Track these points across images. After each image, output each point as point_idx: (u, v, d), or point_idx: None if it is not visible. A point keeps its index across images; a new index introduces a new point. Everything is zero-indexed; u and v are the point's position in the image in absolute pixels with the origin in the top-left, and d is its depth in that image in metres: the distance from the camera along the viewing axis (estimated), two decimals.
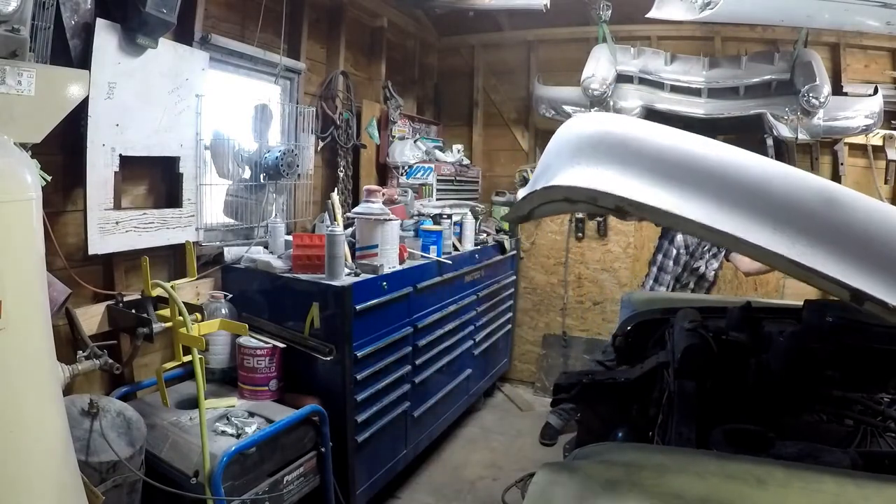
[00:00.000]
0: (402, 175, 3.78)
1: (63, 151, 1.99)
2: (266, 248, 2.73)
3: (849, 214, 1.09)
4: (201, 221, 2.50)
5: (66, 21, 1.87)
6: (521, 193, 1.52)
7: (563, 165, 1.26)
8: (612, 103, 3.74)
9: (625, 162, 1.19)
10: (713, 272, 3.45)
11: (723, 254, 3.35)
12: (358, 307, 2.29)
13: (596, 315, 4.11)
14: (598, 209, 1.29)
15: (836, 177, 3.85)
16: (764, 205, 1.09)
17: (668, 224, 1.25)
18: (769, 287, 3.77)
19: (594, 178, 1.18)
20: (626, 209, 1.19)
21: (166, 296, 1.90)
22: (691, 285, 3.46)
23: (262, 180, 2.75)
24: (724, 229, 1.07)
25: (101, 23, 1.96)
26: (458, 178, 4.04)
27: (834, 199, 1.10)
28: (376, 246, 2.53)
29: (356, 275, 2.41)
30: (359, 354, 2.31)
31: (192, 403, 2.10)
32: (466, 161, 4.30)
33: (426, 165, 3.77)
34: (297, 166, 2.78)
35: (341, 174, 3.57)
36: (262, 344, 2.22)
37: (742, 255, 1.57)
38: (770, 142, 3.67)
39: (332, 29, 3.54)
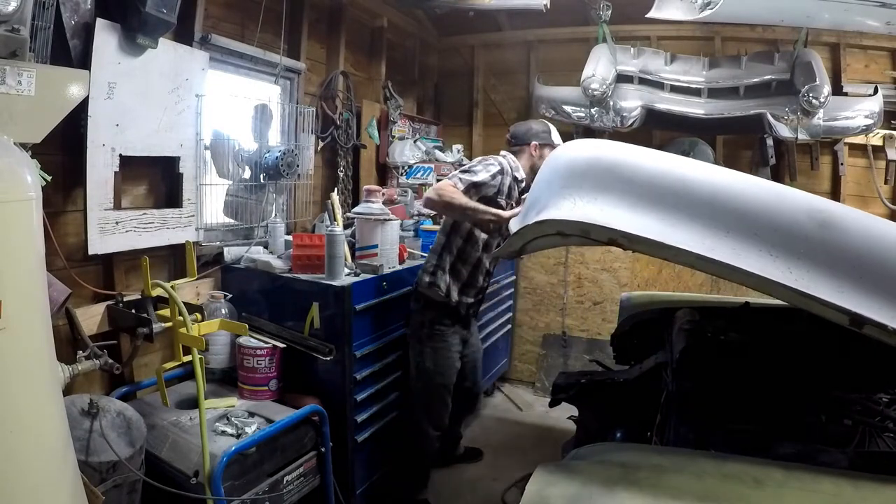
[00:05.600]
0: (401, 175, 3.78)
1: (63, 151, 1.99)
2: (266, 248, 2.73)
3: (844, 235, 1.08)
4: (201, 221, 2.50)
5: (66, 21, 1.87)
6: (513, 227, 1.48)
7: (554, 197, 1.23)
8: (612, 103, 3.74)
9: (616, 190, 1.17)
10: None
11: None
12: (358, 307, 2.29)
13: (596, 315, 4.10)
14: (591, 242, 1.26)
15: (836, 177, 3.86)
16: (758, 229, 1.08)
17: (662, 256, 1.22)
18: None
19: (586, 209, 1.16)
20: (620, 242, 1.16)
21: (166, 296, 1.91)
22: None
23: (262, 180, 2.75)
24: (718, 258, 1.06)
25: (101, 23, 1.96)
26: None
27: (828, 220, 1.09)
28: (376, 246, 2.53)
29: (356, 275, 2.41)
30: (359, 354, 2.32)
31: (192, 403, 2.10)
32: (466, 161, 4.29)
33: (426, 165, 3.76)
34: (297, 166, 2.78)
35: (341, 174, 3.57)
36: (261, 344, 2.22)
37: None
38: (770, 142, 3.67)
39: (332, 29, 3.54)
